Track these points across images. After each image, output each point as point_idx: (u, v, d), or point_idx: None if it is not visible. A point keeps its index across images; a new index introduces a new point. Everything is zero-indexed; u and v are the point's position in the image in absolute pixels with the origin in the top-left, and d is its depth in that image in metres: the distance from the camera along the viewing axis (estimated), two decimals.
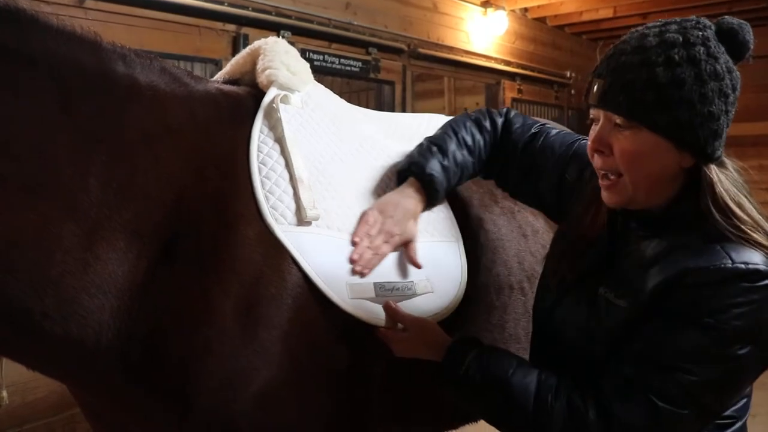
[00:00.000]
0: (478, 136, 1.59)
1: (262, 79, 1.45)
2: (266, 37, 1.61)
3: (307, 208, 1.31)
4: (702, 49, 1.11)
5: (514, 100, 6.64)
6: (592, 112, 1.21)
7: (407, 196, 1.47)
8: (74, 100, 1.15)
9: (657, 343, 1.13)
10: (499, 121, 1.64)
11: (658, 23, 1.17)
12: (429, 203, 1.52)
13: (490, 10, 6.09)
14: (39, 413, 3.11)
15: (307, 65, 1.54)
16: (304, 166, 1.36)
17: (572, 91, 7.59)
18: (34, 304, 1.06)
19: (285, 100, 1.41)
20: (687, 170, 1.17)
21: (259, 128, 1.36)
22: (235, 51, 3.90)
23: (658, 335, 1.13)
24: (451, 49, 5.78)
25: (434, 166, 1.50)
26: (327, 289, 1.28)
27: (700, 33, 1.13)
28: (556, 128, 1.63)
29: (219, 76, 1.61)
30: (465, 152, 1.56)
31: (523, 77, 6.76)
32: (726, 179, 1.16)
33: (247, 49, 1.55)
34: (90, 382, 1.23)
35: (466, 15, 5.97)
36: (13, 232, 1.04)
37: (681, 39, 1.12)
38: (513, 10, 6.42)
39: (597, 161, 1.21)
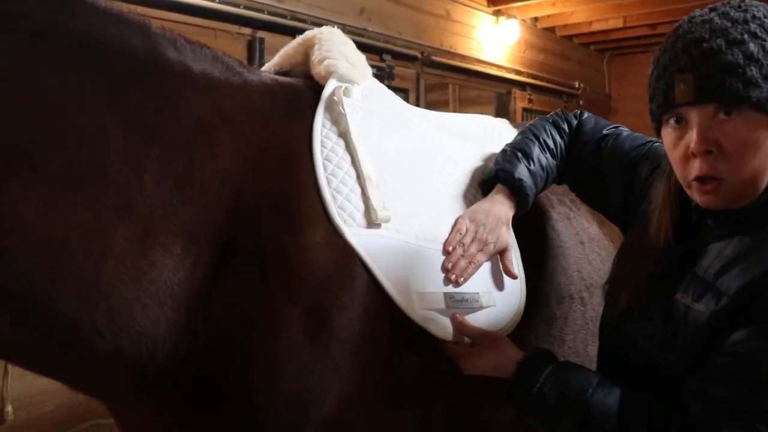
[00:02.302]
0: (558, 139, 1.54)
1: (319, 69, 1.34)
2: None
3: (377, 209, 1.19)
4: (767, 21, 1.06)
5: (524, 110, 6.57)
6: (677, 113, 1.09)
7: (498, 203, 1.41)
8: (125, 85, 1.04)
9: (748, 358, 1.00)
10: (574, 122, 1.59)
11: (703, 13, 1.10)
12: (519, 209, 1.44)
13: (501, 18, 6.04)
14: (45, 429, 3.00)
15: (364, 57, 1.44)
16: (371, 164, 1.25)
17: (581, 102, 7.53)
18: (83, 317, 0.94)
19: (347, 92, 1.29)
20: None
21: (321, 122, 1.24)
22: (250, 54, 3.84)
23: (748, 348, 1.01)
24: (463, 57, 5.71)
25: (522, 171, 1.43)
26: (399, 299, 1.16)
27: (760, 7, 1.08)
28: (628, 130, 1.55)
29: (267, 67, 1.50)
30: (548, 155, 1.50)
31: (534, 87, 6.70)
32: None
33: (299, 39, 1.44)
34: (138, 402, 1.11)
35: (478, 23, 5.90)
36: (61, 234, 0.92)
37: (748, 15, 1.06)
38: (524, 20, 6.37)
39: (701, 166, 1.06)
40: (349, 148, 1.24)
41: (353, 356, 1.12)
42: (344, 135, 1.25)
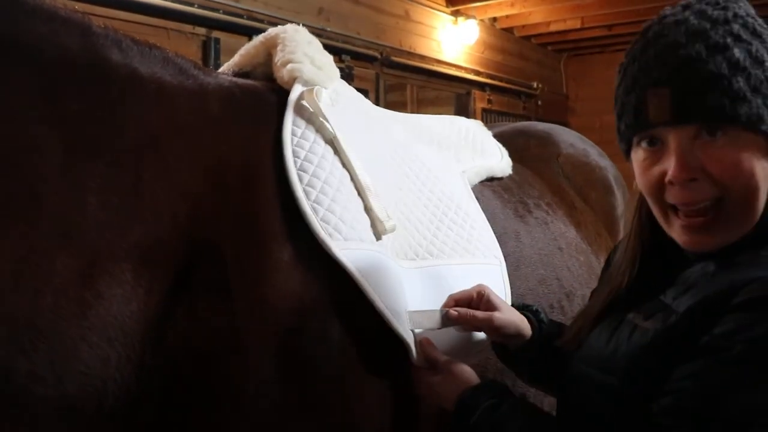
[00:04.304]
0: None
1: (282, 74, 1.22)
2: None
3: (383, 219, 1.10)
4: (751, 20, 0.91)
5: (484, 110, 6.55)
6: (651, 134, 0.93)
7: None
8: (62, 94, 0.91)
9: (699, 397, 0.82)
10: None
11: (676, 11, 0.94)
12: None
13: (460, 19, 6.01)
14: None
15: (331, 58, 1.34)
16: (365, 171, 1.15)
17: (539, 102, 7.56)
18: (18, 362, 0.81)
19: (318, 95, 1.18)
20: None
21: (290, 129, 1.13)
22: (205, 55, 3.70)
23: (696, 383, 0.83)
24: (423, 57, 5.66)
25: None
26: (392, 318, 1.06)
27: (736, 4, 0.92)
28: None
29: (226, 67, 1.38)
30: None
31: (493, 87, 6.69)
32: None
33: (261, 38, 1.33)
34: None
35: (437, 24, 5.86)
36: None
37: (729, 14, 0.90)
38: (482, 20, 6.35)
39: (685, 195, 0.90)
40: (338, 153, 1.14)
41: (333, 392, 1.02)
42: (329, 142, 1.15)
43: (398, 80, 5.64)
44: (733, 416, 0.79)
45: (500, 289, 1.37)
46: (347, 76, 4.70)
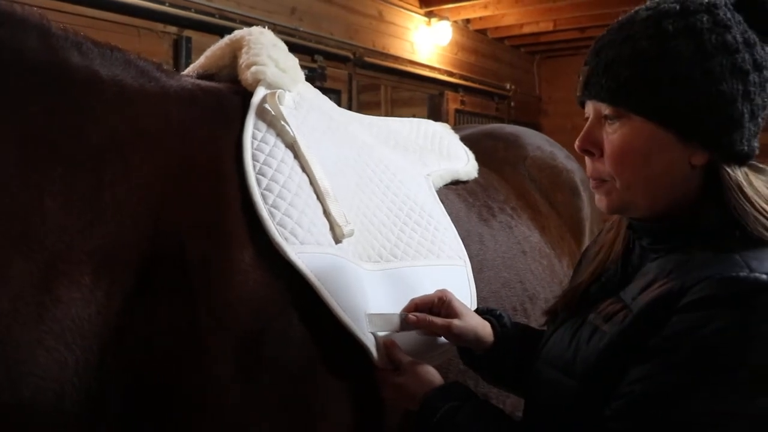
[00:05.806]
0: None
1: (246, 76, 1.22)
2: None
3: (341, 224, 1.10)
4: (705, 17, 0.90)
5: (457, 111, 6.60)
6: (585, 110, 1.01)
7: None
8: (20, 96, 0.91)
9: (651, 401, 0.83)
10: None
11: (647, 5, 0.96)
12: None
13: (434, 20, 6.04)
14: None
15: (297, 61, 1.34)
16: (324, 174, 1.16)
17: (512, 103, 7.63)
18: None
19: (280, 99, 1.19)
20: (705, 170, 0.92)
21: (251, 132, 1.13)
22: (176, 55, 3.69)
23: (647, 388, 0.84)
24: (396, 58, 5.68)
25: None
26: (348, 320, 1.07)
27: (705, 0, 0.92)
28: None
29: (191, 69, 1.38)
30: None
31: (466, 88, 6.74)
32: (763, 184, 0.92)
33: (226, 40, 1.32)
34: None
35: (411, 25, 5.88)
36: None
37: (678, 8, 0.91)
38: (456, 21, 6.39)
39: (587, 166, 1.01)
40: (298, 158, 1.15)
41: (291, 390, 1.03)
42: (289, 146, 1.16)
43: (371, 81, 5.65)
44: (680, 421, 0.81)
45: (465, 289, 1.39)
46: (320, 76, 4.70)
